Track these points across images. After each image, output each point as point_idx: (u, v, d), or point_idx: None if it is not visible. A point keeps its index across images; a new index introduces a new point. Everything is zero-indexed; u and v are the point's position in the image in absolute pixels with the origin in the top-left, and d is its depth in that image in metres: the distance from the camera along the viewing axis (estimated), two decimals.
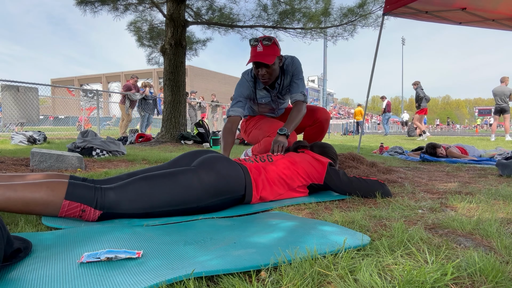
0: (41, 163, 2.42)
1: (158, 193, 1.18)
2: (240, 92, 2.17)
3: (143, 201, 1.16)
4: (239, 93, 2.17)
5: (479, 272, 0.70)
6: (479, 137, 11.03)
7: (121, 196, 1.14)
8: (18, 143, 4.68)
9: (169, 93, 5.68)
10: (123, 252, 0.78)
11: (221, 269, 0.70)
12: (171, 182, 1.21)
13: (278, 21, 6.61)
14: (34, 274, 0.71)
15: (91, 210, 1.11)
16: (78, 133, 3.61)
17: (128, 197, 1.15)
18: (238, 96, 2.16)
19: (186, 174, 1.25)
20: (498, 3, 3.79)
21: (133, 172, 1.42)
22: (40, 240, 0.93)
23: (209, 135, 5.53)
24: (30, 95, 6.20)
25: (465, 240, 0.93)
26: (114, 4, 6.30)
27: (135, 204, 1.15)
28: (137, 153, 3.65)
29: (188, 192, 1.22)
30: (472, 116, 62.50)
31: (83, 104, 13.22)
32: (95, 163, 2.83)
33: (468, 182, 2.00)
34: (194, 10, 6.97)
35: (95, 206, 1.11)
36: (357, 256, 0.80)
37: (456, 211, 1.28)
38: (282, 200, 1.51)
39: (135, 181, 1.18)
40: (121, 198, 1.14)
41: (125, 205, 1.14)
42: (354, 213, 1.21)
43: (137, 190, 1.16)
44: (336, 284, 0.67)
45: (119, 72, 33.93)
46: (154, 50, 8.01)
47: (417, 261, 0.77)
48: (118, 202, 1.14)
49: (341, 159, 2.54)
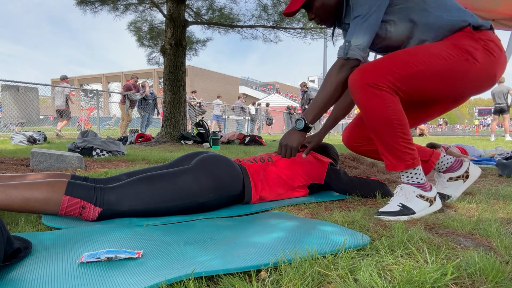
0: (41, 163, 2.42)
1: (156, 192, 1.20)
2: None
3: (142, 200, 1.18)
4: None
5: (479, 272, 0.70)
6: (479, 137, 11.03)
7: (120, 196, 1.16)
8: (18, 143, 4.68)
9: (169, 93, 5.68)
10: (123, 252, 0.78)
11: (221, 269, 0.70)
12: (169, 181, 1.23)
13: (278, 21, 6.61)
14: (34, 274, 0.71)
15: (91, 206, 1.11)
16: (78, 133, 3.61)
17: (127, 197, 1.16)
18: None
19: (183, 173, 1.26)
20: (498, 3, 3.79)
21: (133, 172, 1.43)
22: (40, 240, 0.93)
23: (209, 135, 5.52)
24: (30, 95, 6.20)
25: (465, 240, 0.93)
26: (114, 4, 6.30)
27: (134, 203, 1.17)
28: (137, 153, 3.64)
29: (185, 189, 1.23)
30: (472, 116, 62.57)
31: (83, 104, 13.22)
32: (95, 163, 2.83)
33: None
34: (194, 10, 6.97)
35: (95, 203, 1.12)
36: (357, 256, 0.80)
37: (456, 211, 1.28)
38: (282, 200, 1.51)
39: (134, 182, 1.20)
40: (120, 198, 1.16)
41: (124, 204, 1.16)
42: (354, 213, 1.21)
43: (136, 190, 1.18)
44: (336, 284, 0.67)
45: (119, 72, 33.94)
46: (154, 50, 8.01)
47: (417, 261, 0.77)
48: (117, 201, 1.15)
49: (341, 159, 2.54)
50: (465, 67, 1.17)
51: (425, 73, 1.15)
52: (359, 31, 1.17)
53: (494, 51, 1.19)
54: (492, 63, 1.20)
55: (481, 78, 1.21)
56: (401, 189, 1.25)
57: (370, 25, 1.17)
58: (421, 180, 1.24)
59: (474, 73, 1.18)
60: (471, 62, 1.17)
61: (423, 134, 11.98)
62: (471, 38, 1.19)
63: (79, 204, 1.10)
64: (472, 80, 1.20)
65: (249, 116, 13.63)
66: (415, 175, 1.24)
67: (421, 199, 1.22)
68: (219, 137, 5.28)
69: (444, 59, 1.15)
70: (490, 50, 1.18)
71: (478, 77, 1.20)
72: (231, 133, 6.64)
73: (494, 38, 1.22)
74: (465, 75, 1.18)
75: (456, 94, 1.25)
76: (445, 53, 1.16)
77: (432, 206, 1.24)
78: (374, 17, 1.17)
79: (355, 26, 1.18)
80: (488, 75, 1.21)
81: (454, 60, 1.16)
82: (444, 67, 1.15)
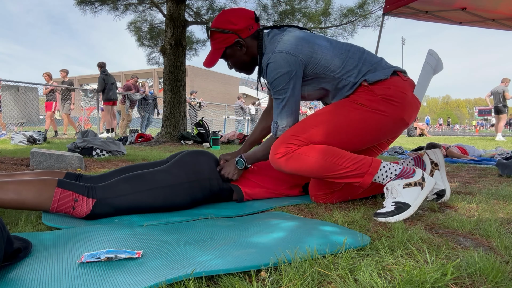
0: (41, 163, 2.42)
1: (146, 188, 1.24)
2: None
3: (133, 194, 1.22)
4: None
5: (479, 272, 0.70)
6: (479, 137, 11.03)
7: (112, 190, 1.20)
8: (18, 143, 4.67)
9: (169, 93, 5.68)
10: (123, 252, 0.78)
11: (221, 269, 0.70)
12: (151, 173, 1.28)
13: (278, 21, 6.61)
14: (34, 274, 0.71)
15: (83, 198, 1.12)
16: (78, 133, 3.61)
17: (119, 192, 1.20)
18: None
19: (166, 168, 1.33)
20: (498, 3, 3.79)
21: (125, 168, 1.47)
22: (40, 240, 0.93)
23: (209, 135, 5.52)
24: (30, 95, 6.20)
25: (465, 240, 0.93)
26: (114, 4, 6.30)
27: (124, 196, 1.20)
28: (137, 153, 3.65)
29: (167, 182, 1.28)
30: (472, 116, 62.60)
31: (83, 104, 13.22)
32: (95, 163, 2.83)
33: (468, 182, 2.00)
34: (194, 10, 6.98)
35: (87, 195, 1.14)
36: (357, 256, 0.80)
37: (456, 211, 1.28)
38: (282, 199, 1.51)
39: (124, 179, 1.24)
40: (112, 192, 1.19)
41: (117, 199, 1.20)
42: (354, 213, 1.21)
43: (126, 186, 1.22)
44: (336, 284, 0.67)
45: (119, 72, 33.90)
46: (154, 50, 8.01)
47: (417, 261, 0.77)
48: (110, 193, 1.19)
49: None
50: (365, 115, 1.28)
51: (325, 128, 1.29)
52: (282, 115, 1.34)
53: (394, 99, 1.28)
54: (394, 110, 1.29)
55: (385, 125, 1.30)
56: (387, 189, 1.22)
57: (290, 109, 1.33)
58: (395, 171, 1.22)
59: (376, 120, 1.29)
60: (370, 110, 1.28)
61: (423, 134, 11.98)
62: (367, 92, 1.30)
63: (72, 196, 1.11)
64: (373, 129, 1.30)
65: (249, 116, 13.62)
66: (386, 172, 1.23)
67: (409, 187, 1.19)
68: (219, 137, 5.28)
69: (343, 114, 1.30)
70: (389, 98, 1.28)
71: (378, 125, 1.30)
72: (231, 133, 6.64)
73: (395, 85, 1.30)
74: (366, 122, 1.29)
75: (359, 143, 1.33)
76: (345, 109, 1.31)
77: (425, 189, 1.19)
78: (293, 100, 1.32)
79: (277, 109, 1.35)
80: (393, 121, 1.30)
81: (353, 113, 1.29)
82: (340, 119, 1.30)
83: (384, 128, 1.31)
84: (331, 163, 1.23)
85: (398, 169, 1.23)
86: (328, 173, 1.25)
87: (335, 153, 1.24)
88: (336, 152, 1.24)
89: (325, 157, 1.23)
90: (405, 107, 1.29)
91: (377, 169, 1.23)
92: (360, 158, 1.24)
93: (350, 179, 1.24)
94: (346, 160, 1.23)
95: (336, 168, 1.23)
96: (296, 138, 1.28)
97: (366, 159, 1.24)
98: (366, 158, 1.24)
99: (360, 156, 1.25)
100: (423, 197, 1.18)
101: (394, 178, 1.22)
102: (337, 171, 1.24)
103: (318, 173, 1.26)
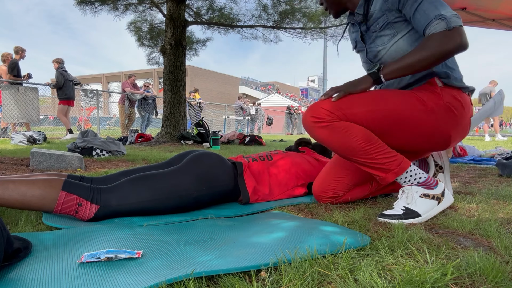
0: (41, 163, 2.42)
1: (150, 191, 1.21)
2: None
3: (137, 199, 1.19)
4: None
5: (479, 272, 0.70)
6: (479, 137, 11.03)
7: (117, 195, 1.17)
8: (18, 143, 4.67)
9: (169, 93, 5.68)
10: (123, 252, 0.78)
11: (221, 269, 0.70)
12: (162, 179, 1.24)
13: (278, 21, 6.61)
14: (34, 274, 0.71)
15: (87, 204, 1.12)
16: (78, 133, 3.61)
17: (124, 196, 1.18)
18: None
19: (175, 171, 1.28)
20: (498, 3, 3.79)
21: (130, 170, 1.44)
22: (40, 240, 0.93)
23: (209, 135, 5.52)
24: (30, 95, 6.20)
25: (465, 240, 0.93)
26: (114, 4, 6.30)
27: (131, 202, 1.18)
28: (137, 153, 3.64)
29: (176, 185, 1.24)
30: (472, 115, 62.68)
31: (83, 104, 13.21)
32: (95, 163, 2.83)
33: (468, 182, 2.00)
34: (194, 10, 6.97)
35: (91, 200, 1.13)
36: (357, 256, 0.80)
37: (456, 211, 1.28)
38: (281, 200, 1.51)
39: (129, 181, 1.21)
40: (117, 197, 1.17)
41: (121, 202, 1.17)
42: (354, 213, 1.21)
43: (131, 190, 1.19)
44: (336, 284, 0.67)
45: (119, 72, 33.92)
46: (154, 50, 8.01)
47: (417, 261, 0.77)
48: (114, 200, 1.16)
49: None
50: (417, 115, 1.17)
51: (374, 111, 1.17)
52: (440, 5, 1.10)
53: (455, 111, 1.18)
54: (448, 121, 1.18)
55: (433, 135, 1.19)
56: (403, 191, 1.19)
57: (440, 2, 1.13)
58: (420, 178, 1.18)
59: (426, 123, 1.17)
60: (426, 112, 1.16)
61: None
62: (435, 95, 1.18)
63: (76, 201, 1.10)
64: (422, 131, 1.18)
65: (249, 116, 13.62)
66: (411, 176, 1.18)
67: (426, 198, 1.15)
68: (219, 137, 5.28)
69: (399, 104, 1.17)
70: (451, 108, 1.18)
71: (430, 130, 1.18)
72: (231, 133, 6.64)
73: (464, 100, 1.20)
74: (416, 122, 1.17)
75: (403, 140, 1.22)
76: (401, 98, 1.18)
77: (441, 204, 1.16)
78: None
79: (431, 3, 1.11)
80: (440, 134, 1.19)
81: (410, 106, 1.17)
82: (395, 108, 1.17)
83: (431, 138, 1.21)
84: (364, 150, 1.16)
85: (423, 177, 1.19)
86: (355, 157, 1.19)
87: (372, 140, 1.16)
88: (373, 140, 1.16)
89: (360, 140, 1.15)
90: (458, 125, 1.20)
91: (404, 170, 1.17)
92: (392, 154, 1.18)
93: (374, 170, 1.19)
94: (379, 152, 1.16)
95: (366, 156, 1.17)
96: (340, 110, 1.16)
97: (397, 157, 1.18)
98: (397, 156, 1.18)
99: (393, 152, 1.18)
100: (436, 211, 1.16)
101: (415, 184, 1.19)
102: (365, 159, 1.17)
103: (346, 152, 1.19)
